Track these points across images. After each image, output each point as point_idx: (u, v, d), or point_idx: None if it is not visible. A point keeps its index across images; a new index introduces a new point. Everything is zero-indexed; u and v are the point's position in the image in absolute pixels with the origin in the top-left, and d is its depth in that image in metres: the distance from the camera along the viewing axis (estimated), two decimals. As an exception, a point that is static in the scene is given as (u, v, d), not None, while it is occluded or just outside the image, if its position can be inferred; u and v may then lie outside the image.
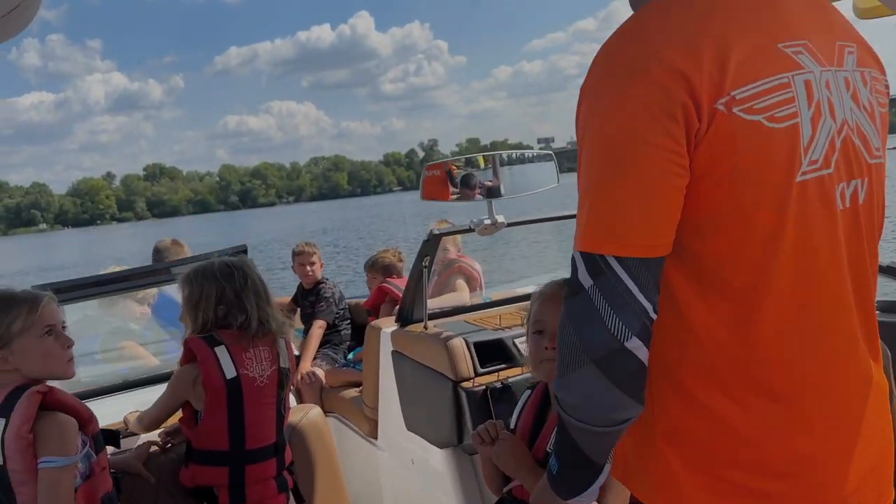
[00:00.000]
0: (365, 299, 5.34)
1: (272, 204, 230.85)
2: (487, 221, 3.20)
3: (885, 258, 2.59)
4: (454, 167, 3.33)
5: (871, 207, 1.35)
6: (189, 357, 2.62)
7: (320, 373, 4.86)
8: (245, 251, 3.21)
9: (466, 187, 3.30)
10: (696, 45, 1.16)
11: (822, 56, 1.27)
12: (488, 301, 3.91)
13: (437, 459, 3.31)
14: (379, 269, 5.06)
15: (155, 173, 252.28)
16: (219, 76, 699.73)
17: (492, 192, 3.26)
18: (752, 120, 1.17)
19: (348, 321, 5.36)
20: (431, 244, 3.30)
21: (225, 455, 2.59)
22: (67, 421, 2.12)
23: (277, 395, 2.72)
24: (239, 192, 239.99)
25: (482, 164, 3.33)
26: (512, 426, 2.26)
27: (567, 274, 1.27)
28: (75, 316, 3.49)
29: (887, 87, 1.44)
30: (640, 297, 1.16)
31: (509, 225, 3.27)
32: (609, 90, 1.19)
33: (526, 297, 3.85)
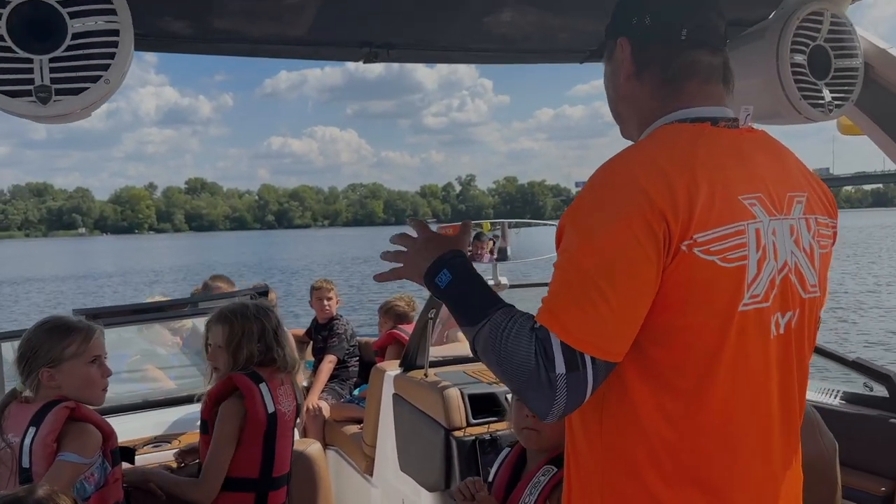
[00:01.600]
0: (375, 338, 5.57)
1: (307, 226, 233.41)
2: (491, 282, 3.41)
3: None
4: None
5: (801, 332, 1.56)
6: (228, 391, 2.82)
7: (325, 407, 5.08)
8: (266, 292, 3.47)
9: (479, 242, 3.53)
10: (674, 195, 1.37)
11: (773, 206, 1.49)
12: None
13: (426, 502, 3.50)
14: (392, 315, 5.28)
15: (196, 187, 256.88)
16: (267, 98, 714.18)
17: (500, 255, 3.49)
18: (708, 259, 1.39)
19: (357, 358, 5.58)
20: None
21: (254, 482, 2.82)
22: (93, 431, 2.41)
23: (293, 428, 2.96)
24: (276, 211, 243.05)
25: (490, 229, 3.56)
26: (490, 478, 2.46)
27: None
28: (111, 335, 3.78)
29: (833, 229, 1.66)
30: (589, 392, 1.37)
31: (512, 287, 3.48)
32: (605, 215, 1.39)
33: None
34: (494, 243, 3.57)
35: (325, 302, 5.58)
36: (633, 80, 1.62)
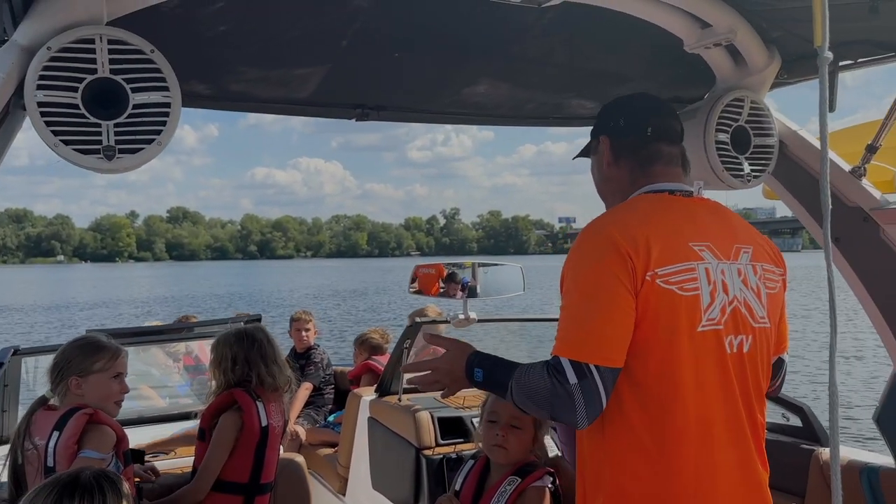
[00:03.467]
0: (350, 368, 5.94)
1: (290, 257, 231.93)
2: (462, 316, 3.82)
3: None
4: (442, 268, 3.99)
5: (755, 356, 2.00)
6: (227, 405, 3.20)
7: (301, 431, 5.43)
8: (259, 319, 3.86)
9: (452, 282, 3.95)
10: (635, 240, 1.86)
11: (721, 253, 1.97)
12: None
13: (397, 517, 3.85)
14: (367, 346, 5.66)
15: (178, 216, 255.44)
16: (252, 129, 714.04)
17: (470, 293, 3.90)
18: (667, 288, 1.85)
19: (332, 386, 5.96)
20: (413, 330, 3.93)
21: (244, 486, 3.20)
22: (108, 431, 2.80)
23: (280, 441, 3.34)
24: (258, 242, 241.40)
25: (464, 267, 3.97)
26: (457, 488, 2.82)
27: None
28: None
29: (782, 276, 2.13)
30: (603, 399, 1.81)
31: (480, 321, 3.89)
32: (589, 262, 1.88)
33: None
34: (463, 282, 3.98)
35: (304, 332, 5.95)
36: (613, 166, 2.17)
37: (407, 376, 3.99)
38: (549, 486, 2.66)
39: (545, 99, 3.41)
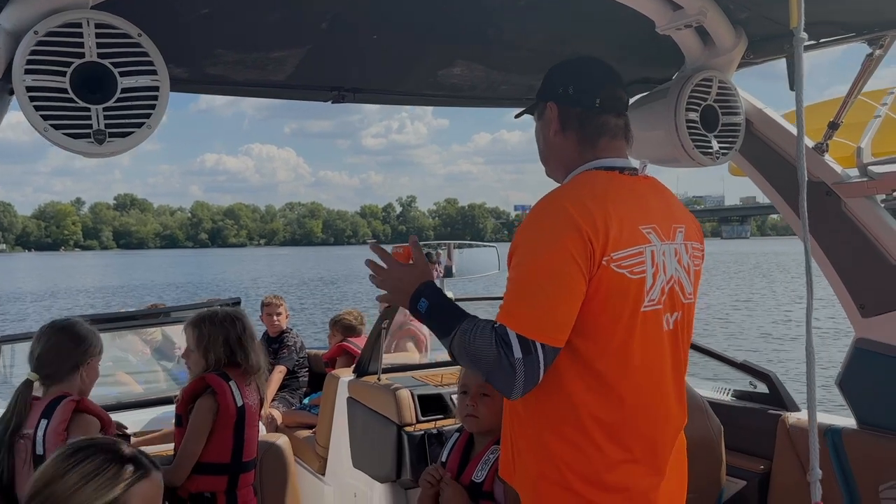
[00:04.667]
0: (323, 351, 5.96)
1: (243, 245, 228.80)
2: (439, 296, 3.89)
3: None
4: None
5: (683, 328, 2.12)
6: (201, 389, 3.22)
7: (277, 415, 5.45)
8: (238, 303, 3.87)
9: (428, 261, 4.01)
10: (595, 224, 1.89)
11: (662, 234, 2.05)
12: (432, 362, 4.57)
13: (377, 493, 3.91)
14: (340, 328, 5.68)
15: (125, 203, 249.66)
16: (202, 114, 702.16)
17: (446, 273, 3.97)
18: (619, 272, 1.91)
19: (307, 369, 5.97)
20: (391, 311, 3.97)
21: (226, 466, 3.23)
22: (92, 420, 2.85)
23: (258, 419, 3.36)
24: (210, 230, 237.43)
25: (439, 248, 4.04)
26: (443, 459, 2.90)
27: None
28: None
29: (702, 252, 2.23)
30: (541, 375, 1.87)
31: (457, 300, 3.96)
32: (547, 238, 1.89)
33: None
34: (438, 262, 4.05)
35: (276, 317, 5.95)
36: (560, 135, 2.16)
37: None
38: None
39: (518, 80, 3.47)
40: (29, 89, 2.06)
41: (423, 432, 3.67)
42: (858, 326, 2.97)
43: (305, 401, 5.71)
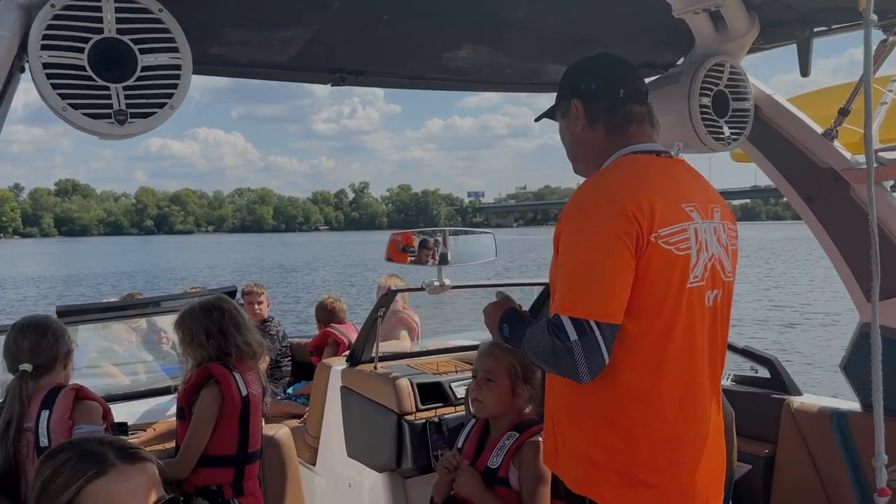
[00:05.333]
0: (306, 339, 5.86)
1: (190, 232, 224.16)
2: (437, 283, 3.83)
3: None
4: (413, 236, 3.98)
5: (724, 308, 2.17)
6: (204, 380, 3.12)
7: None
8: (234, 293, 3.75)
9: (424, 248, 3.95)
10: (640, 202, 1.93)
11: (702, 213, 2.10)
12: (426, 350, 4.53)
13: (375, 482, 3.86)
14: (324, 314, 5.57)
15: (67, 189, 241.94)
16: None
17: (441, 259, 3.91)
18: (666, 248, 1.98)
19: (290, 358, 5.86)
20: (388, 298, 3.91)
21: (232, 458, 3.14)
22: (94, 406, 2.82)
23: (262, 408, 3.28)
24: (155, 216, 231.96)
25: (436, 236, 3.98)
26: (459, 445, 2.88)
27: (484, 333, 2.35)
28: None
29: (736, 232, 2.28)
30: (605, 353, 1.89)
31: (454, 287, 3.92)
32: (591, 222, 1.95)
33: (457, 349, 4.50)
34: (434, 249, 3.99)
35: (257, 306, 5.83)
36: (588, 129, 2.22)
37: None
38: None
39: (524, 65, 3.43)
40: (46, 66, 1.94)
41: (423, 421, 3.63)
42: (864, 311, 3.01)
43: (290, 390, 5.61)
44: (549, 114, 2.37)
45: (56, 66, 1.95)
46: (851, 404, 3.10)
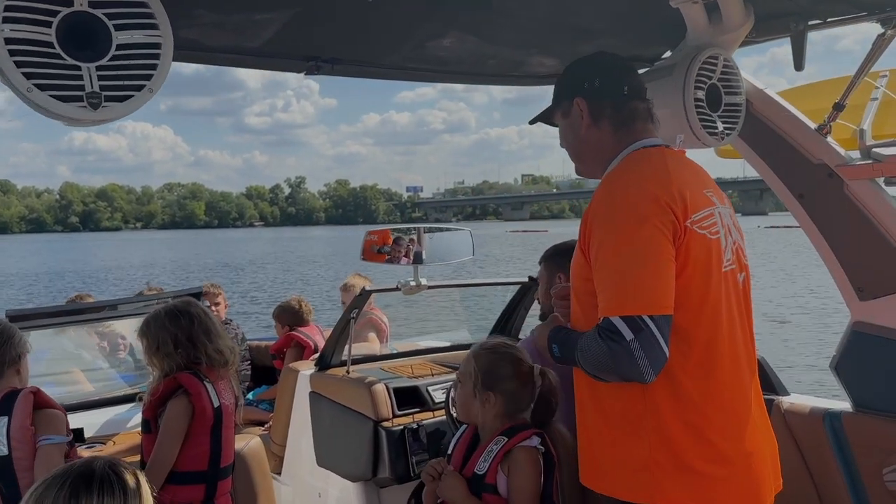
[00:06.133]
0: (266, 342, 5.61)
1: (118, 228, 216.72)
2: (413, 283, 3.67)
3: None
4: (389, 234, 3.81)
5: (747, 288, 2.16)
6: (172, 390, 2.88)
7: None
8: (199, 295, 3.51)
9: (398, 246, 3.78)
10: (671, 192, 1.92)
11: (719, 199, 2.10)
12: (398, 352, 4.36)
13: (347, 492, 3.68)
14: (287, 317, 5.32)
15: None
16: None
17: (415, 258, 3.75)
18: (701, 233, 1.96)
19: (249, 362, 5.60)
20: (362, 299, 3.72)
21: (203, 474, 2.91)
22: (58, 414, 2.62)
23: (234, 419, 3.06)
24: (81, 213, 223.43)
25: (410, 234, 3.82)
26: (449, 452, 2.73)
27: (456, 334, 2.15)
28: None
29: None
30: (664, 347, 1.82)
31: (431, 287, 3.76)
32: (624, 217, 1.89)
33: (430, 351, 4.35)
34: (408, 247, 3.83)
35: (214, 307, 5.54)
36: (593, 128, 2.17)
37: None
38: (538, 446, 2.61)
39: (508, 55, 3.29)
40: (8, 41, 1.71)
41: (401, 427, 3.47)
42: (855, 310, 2.97)
43: (250, 396, 5.35)
44: (547, 115, 2.33)
45: (20, 42, 1.72)
46: (842, 404, 3.06)
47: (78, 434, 2.90)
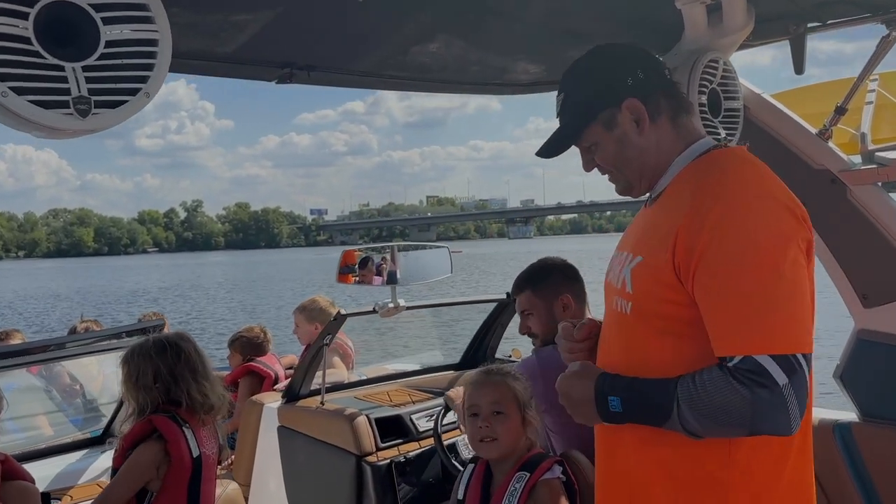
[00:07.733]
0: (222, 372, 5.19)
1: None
2: (391, 305, 3.43)
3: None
4: (354, 254, 3.56)
5: None
6: (146, 434, 2.54)
7: None
8: (162, 326, 3.15)
9: (364, 269, 3.53)
10: (796, 200, 1.64)
11: None
12: (365, 378, 4.08)
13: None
14: (244, 347, 4.88)
15: None
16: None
17: (389, 279, 3.51)
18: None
19: None
20: (337, 324, 3.45)
21: None
22: (32, 489, 2.29)
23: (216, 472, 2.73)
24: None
25: (383, 253, 3.58)
26: (459, 497, 2.49)
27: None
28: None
29: None
30: (809, 389, 1.52)
31: (409, 308, 3.53)
32: (763, 231, 1.54)
33: (401, 375, 4.09)
34: (379, 267, 3.59)
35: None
36: (652, 129, 1.78)
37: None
38: (561, 476, 2.43)
39: (494, 61, 3.11)
40: None
41: (388, 461, 3.21)
42: (859, 317, 2.92)
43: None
44: (572, 138, 1.84)
45: None
46: (848, 414, 3.01)
47: (45, 499, 2.49)
